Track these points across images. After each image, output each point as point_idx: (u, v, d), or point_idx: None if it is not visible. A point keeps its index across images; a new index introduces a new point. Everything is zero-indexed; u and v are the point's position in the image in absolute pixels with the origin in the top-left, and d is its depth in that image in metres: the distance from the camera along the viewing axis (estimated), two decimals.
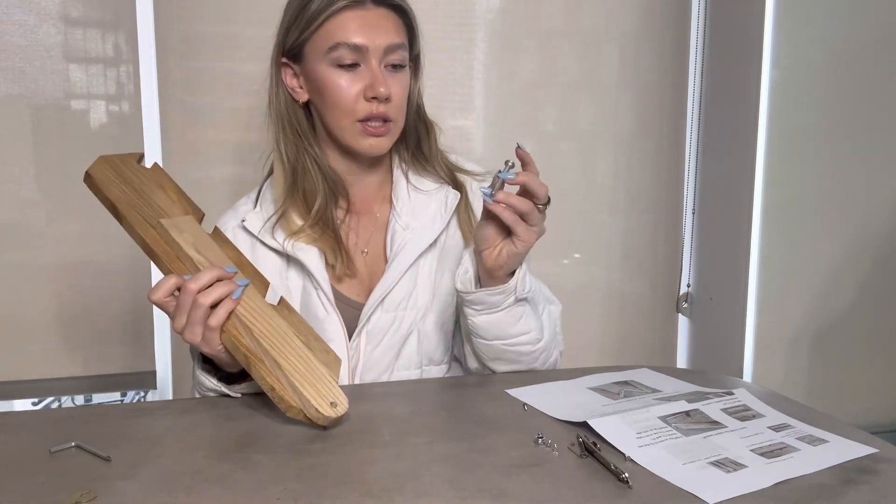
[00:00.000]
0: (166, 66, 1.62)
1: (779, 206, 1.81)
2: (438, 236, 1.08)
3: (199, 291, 0.85)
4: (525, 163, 0.89)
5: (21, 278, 1.60)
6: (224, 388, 0.93)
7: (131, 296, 1.66)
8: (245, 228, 1.07)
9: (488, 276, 0.94)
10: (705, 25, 1.90)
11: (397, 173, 1.11)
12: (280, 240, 1.05)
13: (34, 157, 1.58)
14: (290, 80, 1.07)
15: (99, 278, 1.64)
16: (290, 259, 1.06)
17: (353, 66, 1.01)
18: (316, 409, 0.82)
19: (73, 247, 1.62)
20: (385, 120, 1.02)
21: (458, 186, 1.11)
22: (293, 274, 1.07)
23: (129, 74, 1.61)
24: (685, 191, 1.96)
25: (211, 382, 0.93)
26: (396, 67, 1.03)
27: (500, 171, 0.87)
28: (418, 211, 1.08)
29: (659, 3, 1.88)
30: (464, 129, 1.82)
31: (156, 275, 1.65)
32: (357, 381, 1.05)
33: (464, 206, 1.10)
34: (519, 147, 0.89)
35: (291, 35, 1.04)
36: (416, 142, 1.12)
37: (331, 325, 1.04)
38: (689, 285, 2.00)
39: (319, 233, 1.06)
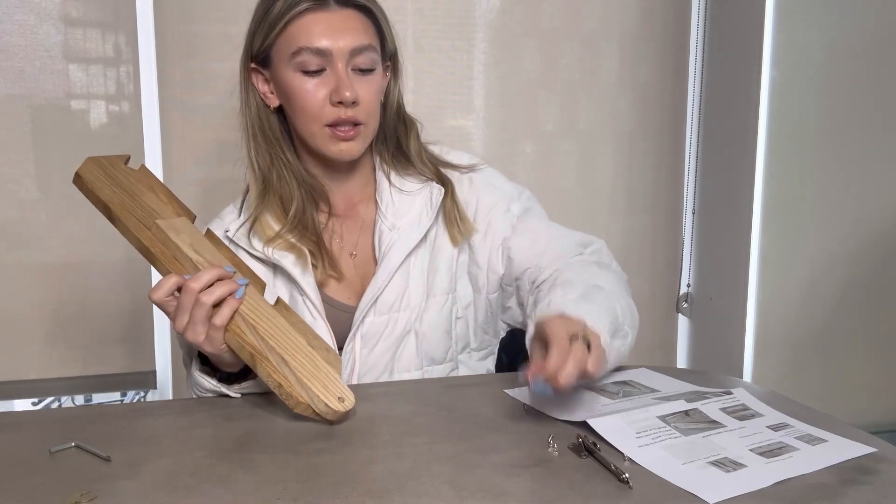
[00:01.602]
0: (166, 66, 1.62)
1: (779, 207, 1.81)
2: (427, 232, 1.06)
3: (200, 290, 0.85)
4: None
5: (21, 278, 1.60)
6: (224, 389, 0.93)
7: (131, 296, 1.66)
8: (228, 237, 1.05)
9: None
10: (705, 25, 1.90)
11: (379, 175, 1.09)
12: (259, 247, 1.04)
13: (34, 157, 1.58)
14: (262, 86, 1.05)
15: (99, 278, 1.64)
16: (276, 268, 1.05)
17: (318, 72, 0.98)
18: (325, 403, 0.82)
19: (73, 247, 1.62)
20: (355, 124, 1.00)
21: (443, 181, 1.08)
22: (280, 283, 1.05)
23: (129, 74, 1.62)
24: (685, 191, 1.96)
25: (210, 383, 0.93)
26: (365, 71, 1.00)
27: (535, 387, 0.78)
28: (403, 210, 1.06)
29: (659, 3, 1.88)
30: (464, 129, 1.82)
31: (156, 275, 1.65)
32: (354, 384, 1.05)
33: (450, 201, 1.07)
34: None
35: (257, 40, 1.02)
36: (397, 142, 1.10)
37: (318, 332, 1.01)
38: (689, 285, 2.00)
39: (298, 237, 1.04)
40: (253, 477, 0.70)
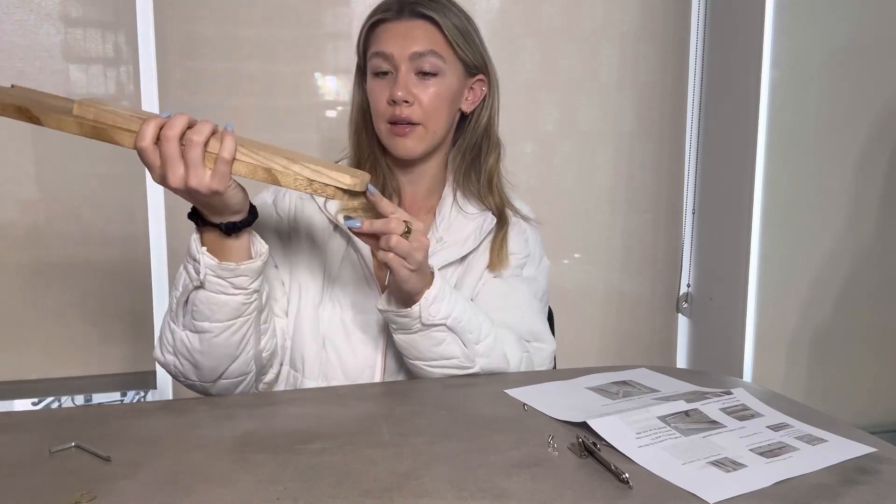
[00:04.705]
0: (166, 66, 1.62)
1: (778, 207, 1.81)
2: (467, 255, 1.11)
3: (181, 135, 0.82)
4: (375, 202, 0.93)
5: (21, 278, 1.60)
6: (233, 265, 0.89)
7: (131, 296, 1.66)
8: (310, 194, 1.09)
9: (400, 299, 0.98)
10: (705, 25, 1.90)
11: (447, 190, 1.16)
12: (332, 210, 1.09)
13: (34, 157, 1.58)
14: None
15: (99, 278, 1.64)
16: (335, 228, 1.10)
17: (385, 74, 1.07)
18: (351, 177, 0.86)
19: (73, 247, 1.62)
20: (411, 123, 1.06)
21: (501, 217, 1.14)
22: (337, 238, 1.10)
23: (129, 74, 1.62)
24: (685, 191, 1.96)
25: (210, 259, 0.89)
26: (427, 74, 1.06)
27: (346, 220, 0.94)
28: (455, 229, 1.12)
29: (659, 3, 1.88)
30: None
31: (156, 275, 1.66)
32: (382, 377, 1.06)
33: (501, 237, 1.13)
34: (369, 191, 0.92)
35: (358, 49, 1.12)
36: (475, 157, 1.15)
37: (371, 291, 1.07)
38: (689, 285, 2.00)
39: (373, 217, 1.07)
40: (253, 477, 0.70)
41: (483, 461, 0.74)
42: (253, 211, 0.92)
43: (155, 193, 1.64)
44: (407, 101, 1.05)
